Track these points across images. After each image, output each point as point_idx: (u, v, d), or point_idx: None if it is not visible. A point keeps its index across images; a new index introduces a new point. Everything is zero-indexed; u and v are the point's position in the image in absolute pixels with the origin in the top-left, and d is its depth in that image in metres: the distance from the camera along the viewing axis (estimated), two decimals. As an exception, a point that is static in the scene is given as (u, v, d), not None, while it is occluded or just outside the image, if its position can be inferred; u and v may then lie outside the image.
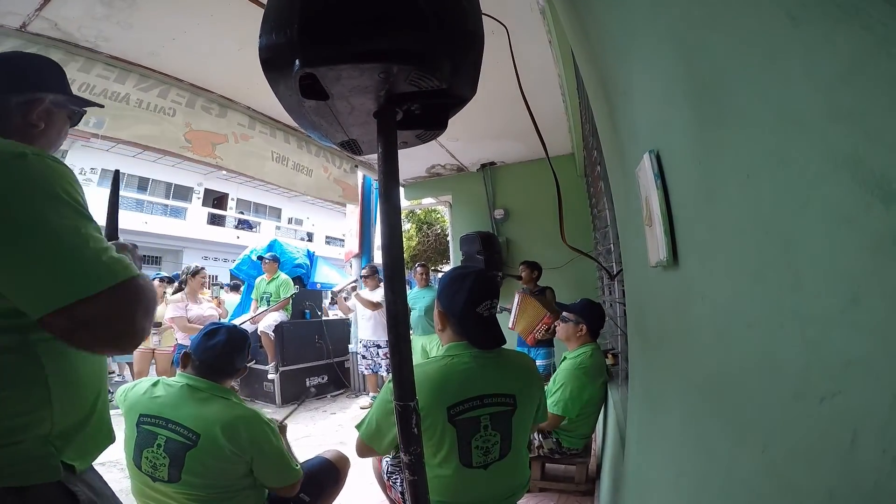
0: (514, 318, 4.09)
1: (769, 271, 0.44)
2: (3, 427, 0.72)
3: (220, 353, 1.60)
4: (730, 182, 0.51)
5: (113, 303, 0.72)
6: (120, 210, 1.20)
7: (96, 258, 0.72)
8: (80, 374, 0.84)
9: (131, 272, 0.75)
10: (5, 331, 0.73)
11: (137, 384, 1.62)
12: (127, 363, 6.13)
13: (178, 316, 4.61)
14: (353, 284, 5.65)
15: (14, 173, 0.71)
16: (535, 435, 2.62)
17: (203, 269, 4.97)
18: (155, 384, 1.58)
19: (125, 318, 0.74)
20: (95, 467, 0.90)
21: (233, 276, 7.95)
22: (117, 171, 1.23)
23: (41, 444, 0.76)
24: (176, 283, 5.21)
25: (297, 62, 0.66)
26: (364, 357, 5.31)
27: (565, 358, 2.69)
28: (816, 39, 0.32)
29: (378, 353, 5.15)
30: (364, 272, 5.38)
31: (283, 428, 1.93)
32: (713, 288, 0.62)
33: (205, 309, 4.85)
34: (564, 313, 2.79)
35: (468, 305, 1.42)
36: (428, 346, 4.86)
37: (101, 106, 1.31)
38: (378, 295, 5.04)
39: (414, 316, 4.95)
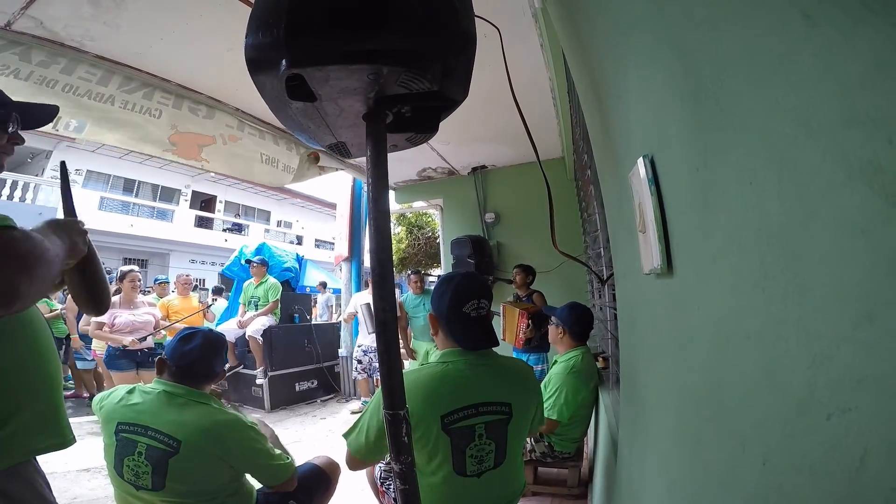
0: (502, 329, 4.10)
1: (771, 283, 0.42)
2: None
3: (196, 358, 1.57)
4: (730, 189, 0.50)
5: None
6: (101, 210, 1.16)
7: None
8: None
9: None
10: None
11: (113, 392, 1.58)
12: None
13: (94, 322, 4.03)
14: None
15: None
16: (527, 439, 2.61)
17: (132, 270, 4.40)
18: (131, 391, 1.55)
19: None
20: (84, 473, 0.86)
21: (223, 278, 7.81)
22: (63, 163, 1.22)
23: None
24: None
25: (283, 62, 0.64)
26: (359, 362, 5.24)
27: (556, 361, 2.69)
28: (834, 40, 0.30)
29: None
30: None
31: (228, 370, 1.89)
32: (710, 298, 0.61)
33: (139, 315, 4.22)
34: (552, 317, 2.81)
35: (454, 305, 1.41)
36: (432, 351, 4.83)
37: (56, 107, 1.18)
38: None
39: (418, 324, 4.95)
